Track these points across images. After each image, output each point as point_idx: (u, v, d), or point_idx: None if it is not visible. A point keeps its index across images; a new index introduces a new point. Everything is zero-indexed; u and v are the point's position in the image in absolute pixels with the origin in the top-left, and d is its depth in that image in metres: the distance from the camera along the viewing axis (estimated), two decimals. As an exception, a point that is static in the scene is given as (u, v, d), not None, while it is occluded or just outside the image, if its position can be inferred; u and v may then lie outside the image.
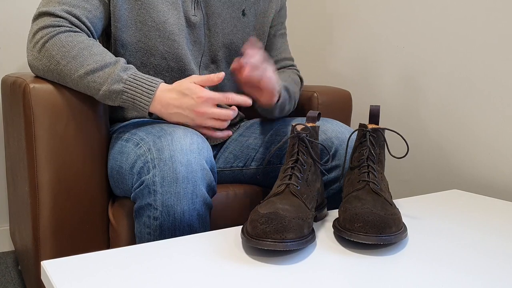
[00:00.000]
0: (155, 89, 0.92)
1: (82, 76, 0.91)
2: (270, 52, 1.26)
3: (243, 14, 1.16)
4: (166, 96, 0.93)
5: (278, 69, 1.26)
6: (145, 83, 0.92)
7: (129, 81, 0.91)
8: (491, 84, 1.23)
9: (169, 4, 1.05)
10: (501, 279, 0.64)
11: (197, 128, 0.96)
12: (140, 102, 0.92)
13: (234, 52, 1.17)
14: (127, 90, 0.91)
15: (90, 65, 0.90)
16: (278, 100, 1.08)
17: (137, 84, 0.91)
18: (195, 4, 1.09)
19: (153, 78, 0.94)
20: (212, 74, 0.93)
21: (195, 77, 0.94)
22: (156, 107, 0.93)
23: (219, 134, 0.99)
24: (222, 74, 0.93)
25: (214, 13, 1.12)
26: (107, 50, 0.95)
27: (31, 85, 0.92)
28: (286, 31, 1.29)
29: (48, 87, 0.93)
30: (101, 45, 0.96)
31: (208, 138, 1.03)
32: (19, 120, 0.98)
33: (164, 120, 0.99)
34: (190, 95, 0.92)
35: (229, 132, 1.01)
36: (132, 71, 0.92)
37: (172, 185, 0.82)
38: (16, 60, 1.57)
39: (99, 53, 0.92)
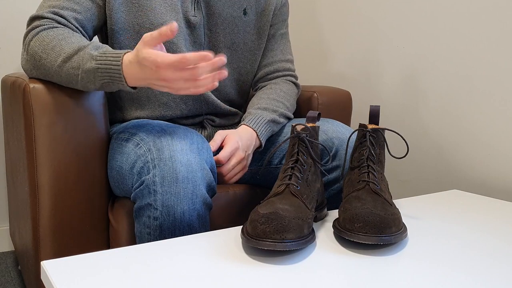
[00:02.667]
0: (120, 64, 0.85)
1: (61, 65, 0.89)
2: (266, 53, 1.23)
3: (244, 13, 1.15)
4: (131, 71, 0.85)
5: (272, 72, 1.23)
6: (112, 58, 0.86)
7: (99, 57, 0.86)
8: (491, 84, 1.23)
9: (167, 6, 1.05)
10: (501, 279, 0.64)
11: (185, 91, 0.85)
12: (119, 80, 0.86)
13: (235, 52, 1.16)
14: (99, 66, 0.86)
15: (66, 52, 0.88)
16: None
17: (106, 58, 0.86)
18: (195, 5, 1.09)
19: (117, 52, 0.86)
20: (163, 27, 0.79)
21: (146, 38, 0.81)
22: (133, 83, 0.86)
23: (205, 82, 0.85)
24: (174, 25, 0.79)
25: (214, 13, 1.11)
26: (85, 39, 0.94)
27: (31, 85, 0.92)
28: (287, 30, 1.27)
29: (48, 87, 0.93)
30: (82, 36, 0.94)
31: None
32: (19, 120, 0.98)
33: (162, 115, 0.96)
34: (148, 65, 0.82)
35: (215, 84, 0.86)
36: (103, 49, 0.88)
37: (172, 185, 0.82)
38: (16, 60, 1.57)
39: (76, 41, 0.90)
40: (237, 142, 1.00)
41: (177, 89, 0.83)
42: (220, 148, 1.01)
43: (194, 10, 1.08)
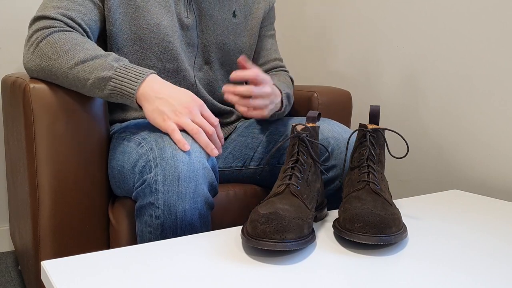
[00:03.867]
0: (146, 74, 0.89)
1: (72, 67, 0.89)
2: (260, 53, 1.28)
3: (234, 15, 1.18)
4: (162, 81, 0.90)
5: (269, 69, 1.28)
6: (137, 70, 0.89)
7: (120, 69, 0.88)
8: (492, 84, 1.23)
9: (162, 7, 1.06)
10: (501, 279, 0.64)
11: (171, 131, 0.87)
12: (128, 86, 0.88)
13: (227, 53, 1.18)
14: (115, 76, 0.88)
15: (81, 57, 0.89)
16: (281, 109, 1.09)
17: (127, 71, 0.89)
18: (188, 7, 1.10)
19: (141, 69, 0.90)
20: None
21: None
22: (144, 90, 0.88)
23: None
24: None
25: (205, 15, 1.13)
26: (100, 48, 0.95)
27: (31, 85, 0.92)
28: (275, 32, 1.33)
29: (48, 87, 0.93)
30: (95, 43, 0.95)
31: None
32: (19, 120, 0.98)
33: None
34: (192, 97, 0.90)
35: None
36: (125, 62, 0.91)
37: (174, 184, 0.82)
38: (16, 60, 1.57)
39: (91, 48, 0.91)
40: (271, 81, 1.01)
41: (177, 120, 0.87)
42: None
43: (187, 12, 1.10)
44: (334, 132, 1.05)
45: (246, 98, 0.96)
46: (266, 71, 1.28)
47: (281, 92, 1.07)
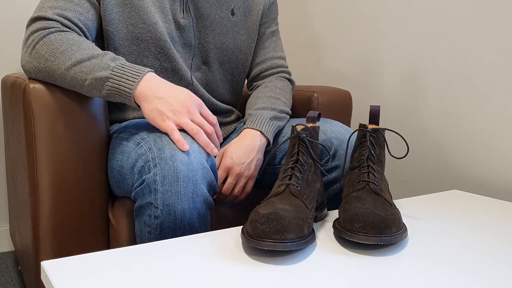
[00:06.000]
0: (143, 73, 0.89)
1: (69, 68, 0.89)
2: (258, 51, 1.25)
3: (232, 13, 1.16)
4: (159, 80, 0.90)
5: (265, 69, 1.25)
6: (134, 69, 0.89)
7: (117, 68, 0.88)
8: (492, 85, 1.23)
9: (157, 7, 1.06)
10: (501, 279, 0.64)
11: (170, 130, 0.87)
12: (125, 86, 0.87)
13: (226, 52, 1.17)
14: (112, 76, 0.87)
15: (78, 58, 0.89)
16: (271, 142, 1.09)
17: (124, 70, 0.88)
18: (184, 7, 1.09)
19: (138, 68, 0.90)
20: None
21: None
22: (142, 88, 0.88)
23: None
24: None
25: (203, 15, 1.12)
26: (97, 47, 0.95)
27: (31, 85, 0.92)
28: (277, 28, 1.28)
29: (48, 87, 0.93)
30: (92, 43, 0.95)
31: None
32: (19, 120, 0.98)
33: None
34: (191, 96, 0.90)
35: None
36: (122, 61, 0.90)
37: (173, 184, 0.82)
38: (16, 60, 1.57)
39: (88, 47, 0.91)
40: (230, 159, 1.02)
41: (176, 119, 0.88)
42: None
43: (183, 12, 1.09)
44: (337, 133, 1.05)
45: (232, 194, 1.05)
46: (262, 71, 1.25)
47: (260, 131, 1.05)
